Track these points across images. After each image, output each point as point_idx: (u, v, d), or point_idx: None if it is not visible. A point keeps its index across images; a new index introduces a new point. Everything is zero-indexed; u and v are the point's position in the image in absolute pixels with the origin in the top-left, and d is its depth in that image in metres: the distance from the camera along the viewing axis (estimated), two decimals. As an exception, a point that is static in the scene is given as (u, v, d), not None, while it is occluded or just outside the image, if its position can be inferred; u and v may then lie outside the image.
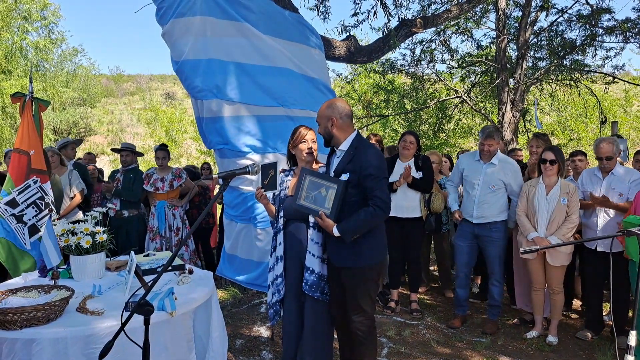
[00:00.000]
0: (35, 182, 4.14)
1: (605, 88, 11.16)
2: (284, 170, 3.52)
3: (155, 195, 5.84)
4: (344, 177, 2.98)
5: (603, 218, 4.40)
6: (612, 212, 4.37)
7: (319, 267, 3.23)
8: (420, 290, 5.81)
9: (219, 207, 7.85)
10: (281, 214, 3.36)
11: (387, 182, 3.08)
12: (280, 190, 3.43)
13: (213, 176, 2.56)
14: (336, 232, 2.95)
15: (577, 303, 5.52)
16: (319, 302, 3.25)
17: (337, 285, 3.14)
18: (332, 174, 3.13)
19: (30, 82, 4.51)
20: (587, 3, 9.61)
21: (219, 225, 7.01)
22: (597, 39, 9.99)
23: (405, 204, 5.06)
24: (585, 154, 5.43)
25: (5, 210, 4.07)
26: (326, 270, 3.25)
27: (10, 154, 5.81)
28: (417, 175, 5.05)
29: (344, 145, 3.08)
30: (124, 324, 1.99)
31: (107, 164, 19.94)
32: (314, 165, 3.41)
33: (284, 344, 3.42)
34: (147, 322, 2.05)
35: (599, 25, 9.70)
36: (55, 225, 3.33)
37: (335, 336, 3.43)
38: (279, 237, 3.37)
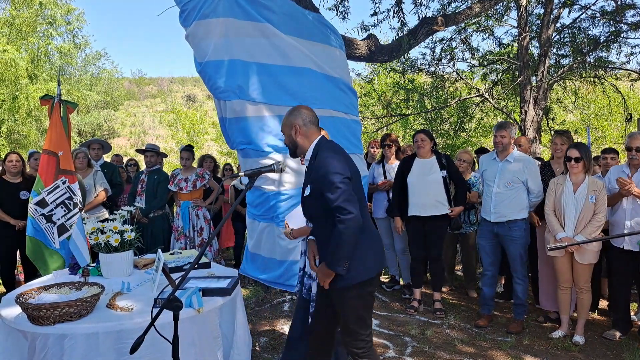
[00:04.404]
0: (64, 183, 4.24)
1: (631, 85, 10.95)
2: None
3: (180, 196, 5.93)
4: (307, 191, 2.78)
5: (631, 215, 4.32)
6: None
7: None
8: (443, 289, 5.78)
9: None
10: None
11: (349, 189, 2.62)
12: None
13: (239, 174, 2.57)
14: (327, 271, 2.68)
15: (603, 303, 5.43)
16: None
17: (327, 305, 2.93)
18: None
19: (59, 84, 4.62)
20: (612, -2, 9.45)
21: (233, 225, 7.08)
22: (622, 35, 9.81)
23: (426, 202, 5.05)
24: (617, 152, 5.33)
25: (35, 210, 4.18)
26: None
27: (35, 155, 5.96)
28: (442, 173, 5.05)
29: (308, 154, 2.84)
30: (154, 319, 2.02)
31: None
32: None
33: (285, 349, 3.40)
34: (176, 318, 2.09)
35: (624, 21, 9.52)
36: (85, 224, 3.40)
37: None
38: None
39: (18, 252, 5.52)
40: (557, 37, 10.48)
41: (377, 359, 2.92)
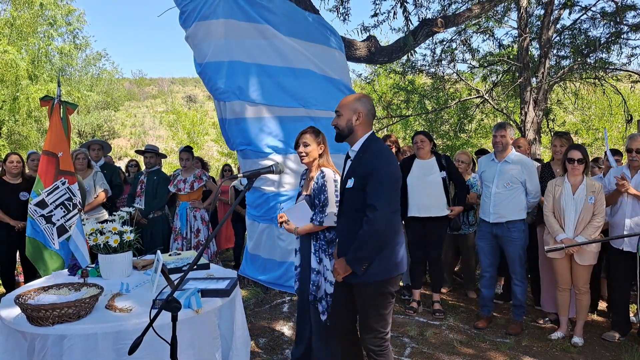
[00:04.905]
0: (63, 184, 4.24)
1: (631, 87, 10.95)
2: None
3: (178, 196, 5.94)
4: (350, 183, 2.78)
5: (630, 216, 4.33)
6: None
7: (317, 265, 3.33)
8: (442, 290, 5.78)
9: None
10: None
11: (392, 190, 2.72)
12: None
13: (238, 175, 2.58)
14: (345, 267, 2.76)
15: (602, 305, 5.43)
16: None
17: (345, 300, 2.95)
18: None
19: (59, 85, 4.63)
20: (612, 0, 9.45)
21: (233, 227, 7.10)
22: (622, 36, 9.82)
23: (426, 203, 5.05)
24: (621, 154, 5.34)
25: (35, 211, 4.18)
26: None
27: (32, 155, 5.97)
28: (442, 174, 5.06)
29: (357, 146, 2.84)
30: (152, 320, 2.02)
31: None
32: (313, 173, 3.44)
33: (296, 339, 3.47)
34: (174, 319, 2.09)
35: (624, 22, 9.53)
36: (84, 225, 3.40)
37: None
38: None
39: (18, 253, 5.53)
40: (557, 38, 10.49)
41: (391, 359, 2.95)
